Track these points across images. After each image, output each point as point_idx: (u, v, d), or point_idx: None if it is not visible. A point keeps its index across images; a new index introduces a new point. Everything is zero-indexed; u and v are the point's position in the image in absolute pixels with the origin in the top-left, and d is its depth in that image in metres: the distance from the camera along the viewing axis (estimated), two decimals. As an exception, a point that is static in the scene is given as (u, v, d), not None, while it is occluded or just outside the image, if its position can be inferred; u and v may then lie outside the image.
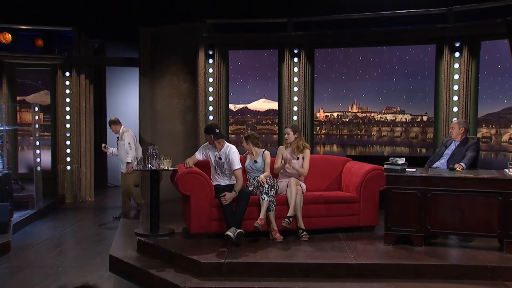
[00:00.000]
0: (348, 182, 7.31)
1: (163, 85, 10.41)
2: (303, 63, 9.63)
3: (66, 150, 10.93)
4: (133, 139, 8.73)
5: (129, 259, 6.35)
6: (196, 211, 6.57)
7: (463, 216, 6.06)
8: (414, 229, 6.22)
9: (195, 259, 5.75)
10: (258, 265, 5.67)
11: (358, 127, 9.81)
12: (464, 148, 6.96)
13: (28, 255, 6.53)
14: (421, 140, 9.42)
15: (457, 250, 6.29)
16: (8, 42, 10.44)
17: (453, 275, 5.53)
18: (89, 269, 6.37)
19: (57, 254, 7.01)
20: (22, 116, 10.88)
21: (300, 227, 6.60)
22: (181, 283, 5.42)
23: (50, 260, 6.56)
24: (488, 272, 5.52)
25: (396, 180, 6.26)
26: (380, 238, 6.52)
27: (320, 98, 9.85)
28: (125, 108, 12.81)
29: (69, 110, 10.90)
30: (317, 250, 6.12)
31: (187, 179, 6.59)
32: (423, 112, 9.39)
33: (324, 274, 5.59)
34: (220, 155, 6.80)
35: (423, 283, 5.43)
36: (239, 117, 10.18)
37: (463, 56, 8.74)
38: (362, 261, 5.70)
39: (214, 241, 6.43)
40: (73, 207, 10.35)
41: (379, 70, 9.60)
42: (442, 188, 6.12)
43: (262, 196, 6.50)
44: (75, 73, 10.85)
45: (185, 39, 10.17)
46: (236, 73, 10.05)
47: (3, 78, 10.54)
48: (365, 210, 7.00)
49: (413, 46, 9.36)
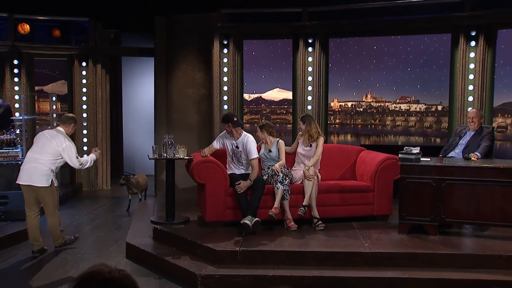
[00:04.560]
0: (362, 171, 7.29)
1: (178, 75, 10.44)
2: (318, 53, 9.58)
3: (83, 139, 11.01)
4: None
5: (145, 246, 6.40)
6: (211, 199, 6.60)
7: (478, 205, 6.03)
8: (428, 219, 6.19)
9: (210, 247, 5.78)
10: (272, 253, 5.69)
11: (372, 116, 9.76)
12: (479, 137, 6.90)
13: (47, 242, 6.59)
14: (436, 129, 9.35)
15: (472, 240, 6.26)
16: (26, 32, 10.51)
17: (467, 264, 5.50)
18: (106, 256, 6.44)
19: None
20: (40, 105, 10.96)
21: (314, 216, 6.59)
22: (196, 271, 5.45)
23: (68, 246, 6.63)
24: (502, 261, 5.49)
25: (411, 169, 6.23)
26: (394, 227, 6.50)
27: (334, 88, 9.81)
28: (140, 98, 12.88)
29: (85, 100, 10.96)
30: (331, 239, 6.13)
31: (202, 168, 6.60)
32: (438, 102, 9.31)
33: (338, 262, 5.59)
34: (237, 144, 6.81)
35: (437, 272, 5.41)
36: (253, 107, 10.17)
37: (479, 45, 8.64)
38: (376, 250, 5.70)
39: (229, 230, 6.46)
40: (90, 195, 10.44)
41: (393, 59, 9.52)
42: (457, 177, 6.08)
43: (276, 185, 6.51)
44: (92, 63, 10.90)
45: (200, 28, 10.18)
46: (251, 63, 10.02)
47: (22, 68, 10.61)
48: (379, 199, 6.98)
49: (428, 35, 9.25)
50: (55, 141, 6.28)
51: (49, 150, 6.23)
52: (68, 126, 6.49)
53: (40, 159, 6.18)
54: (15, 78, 10.59)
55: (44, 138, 6.32)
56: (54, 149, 6.25)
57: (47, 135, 6.37)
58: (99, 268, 1.74)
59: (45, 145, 6.26)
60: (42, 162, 6.18)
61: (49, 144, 6.26)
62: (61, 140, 6.31)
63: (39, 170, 6.17)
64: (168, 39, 10.47)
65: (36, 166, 6.17)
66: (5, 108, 9.19)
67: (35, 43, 10.65)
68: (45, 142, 6.28)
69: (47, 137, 6.31)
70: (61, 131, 6.41)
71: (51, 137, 6.30)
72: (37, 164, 6.18)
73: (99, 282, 1.68)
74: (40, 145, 6.29)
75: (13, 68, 10.54)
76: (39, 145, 6.30)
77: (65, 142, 6.31)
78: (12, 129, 8.75)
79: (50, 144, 6.26)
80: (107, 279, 1.69)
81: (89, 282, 1.69)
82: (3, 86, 10.50)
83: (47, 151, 6.23)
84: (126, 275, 1.73)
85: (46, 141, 6.29)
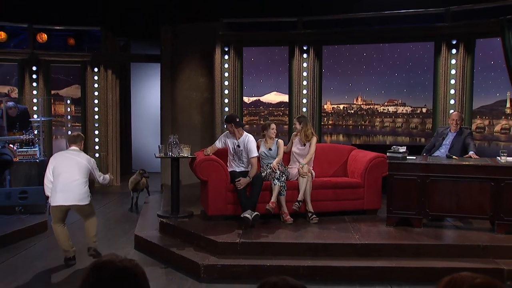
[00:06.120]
0: (353, 168, 7.31)
1: (183, 79, 10.44)
2: (312, 59, 9.59)
3: (94, 139, 11.01)
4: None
5: (152, 238, 6.43)
6: (213, 195, 6.61)
7: (458, 200, 6.06)
8: (414, 212, 6.22)
9: (212, 239, 5.80)
10: (270, 245, 5.71)
11: (363, 118, 9.77)
12: (461, 137, 6.92)
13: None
14: (421, 130, 9.38)
15: (453, 231, 6.30)
16: (44, 41, 10.54)
17: (449, 254, 5.55)
18: (116, 247, 6.46)
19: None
20: (56, 108, 10.96)
21: (309, 210, 6.61)
22: (199, 261, 5.48)
23: (81, 238, 6.60)
24: (480, 251, 5.55)
25: (398, 167, 6.25)
26: (382, 221, 6.52)
27: (327, 91, 9.82)
28: (148, 101, 12.87)
29: (97, 103, 10.97)
30: (324, 231, 6.15)
31: (204, 166, 6.62)
32: (423, 104, 9.33)
33: (331, 253, 5.62)
34: (238, 143, 6.83)
35: (422, 261, 5.45)
36: (252, 109, 10.18)
37: (460, 52, 8.69)
38: (365, 241, 5.72)
39: (229, 223, 6.47)
40: (101, 191, 10.42)
41: (382, 65, 9.53)
42: (440, 174, 6.11)
43: (274, 181, 6.52)
44: (103, 69, 10.90)
45: (203, 36, 10.18)
46: (250, 68, 10.04)
47: (40, 74, 10.64)
48: (368, 195, 7.00)
49: (414, 43, 9.29)
50: (82, 159, 5.87)
51: (82, 169, 5.81)
52: (80, 144, 6.04)
53: (78, 179, 5.74)
54: (34, 83, 10.61)
55: (72, 159, 5.83)
56: (85, 167, 5.83)
57: (72, 156, 5.88)
58: (110, 257, 1.76)
59: (76, 165, 5.80)
60: (80, 181, 5.76)
61: (80, 163, 5.82)
62: (87, 156, 5.97)
63: (81, 190, 5.77)
64: (173, 47, 10.47)
65: (76, 186, 5.73)
66: (24, 110, 9.22)
67: (52, 51, 10.67)
68: (75, 163, 5.81)
69: (75, 158, 5.84)
70: (77, 149, 5.96)
71: (77, 156, 5.86)
72: (76, 184, 5.73)
73: (111, 270, 1.70)
74: (71, 166, 5.79)
75: (32, 74, 10.57)
76: (70, 165, 5.79)
77: (90, 158, 6.01)
78: (31, 129, 8.78)
79: (81, 162, 5.83)
80: (119, 268, 1.71)
81: (102, 270, 1.71)
82: (23, 90, 10.54)
83: (80, 170, 5.80)
84: (136, 264, 1.75)
85: (75, 161, 5.81)
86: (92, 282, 1.69)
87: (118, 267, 1.71)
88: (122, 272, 1.70)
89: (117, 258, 1.74)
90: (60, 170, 5.78)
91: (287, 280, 1.66)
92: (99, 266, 1.73)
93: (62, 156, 5.95)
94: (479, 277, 1.55)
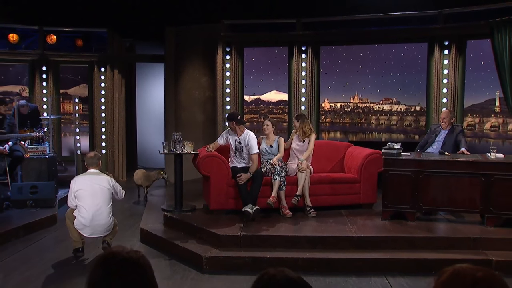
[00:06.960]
0: (350, 164, 7.32)
1: (186, 79, 10.44)
2: (310, 59, 9.59)
3: (101, 136, 11.01)
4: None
5: (157, 231, 6.43)
6: (215, 190, 6.62)
7: (450, 194, 6.08)
8: (408, 206, 6.23)
9: (215, 232, 5.81)
10: (270, 238, 5.72)
11: (359, 116, 9.77)
12: (453, 135, 6.93)
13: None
14: (415, 127, 9.38)
15: (445, 224, 6.31)
16: (53, 42, 10.54)
17: (441, 246, 5.57)
18: (123, 240, 6.44)
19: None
20: (64, 106, 10.96)
21: (307, 204, 6.62)
22: (202, 253, 5.49)
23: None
24: (471, 243, 5.58)
25: (393, 163, 6.26)
26: (377, 214, 6.54)
27: (325, 90, 9.81)
28: (152, 99, 12.86)
29: (104, 101, 10.96)
30: (322, 225, 6.16)
31: (207, 162, 6.63)
32: (416, 103, 9.33)
33: (328, 245, 5.63)
34: (240, 140, 6.83)
35: (415, 253, 5.46)
36: (253, 107, 10.18)
37: (452, 53, 8.69)
38: (361, 234, 5.74)
39: (231, 217, 6.48)
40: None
41: (377, 65, 9.53)
42: (433, 169, 6.13)
43: (274, 176, 6.53)
44: (109, 69, 10.89)
45: (205, 37, 10.17)
46: (250, 68, 10.03)
47: (49, 73, 10.65)
48: (364, 190, 7.01)
49: (408, 44, 9.29)
50: (103, 182, 5.60)
51: (106, 195, 5.57)
52: (98, 164, 5.72)
53: (104, 210, 5.52)
54: (43, 83, 10.61)
55: (95, 186, 5.54)
56: (108, 191, 5.59)
57: (94, 180, 5.59)
58: (117, 249, 1.77)
59: (100, 192, 5.54)
60: (106, 212, 5.55)
61: (103, 189, 5.56)
62: (106, 178, 5.68)
63: (107, 222, 5.57)
64: (176, 47, 10.46)
65: (103, 219, 5.52)
66: (34, 109, 9.23)
67: (61, 51, 10.66)
68: (98, 189, 5.54)
69: (98, 184, 5.56)
70: (97, 171, 5.70)
71: (100, 181, 5.59)
72: (103, 218, 5.51)
73: (118, 261, 1.71)
74: (94, 192, 5.51)
75: (42, 74, 10.58)
76: (93, 192, 5.51)
77: (110, 178, 5.72)
78: (41, 127, 8.79)
79: (104, 188, 5.57)
80: (125, 259, 1.72)
81: (109, 261, 1.72)
82: (33, 90, 10.54)
83: (104, 197, 5.55)
84: (142, 256, 1.76)
85: (99, 188, 5.55)
86: (101, 272, 1.70)
87: (125, 258, 1.72)
88: (129, 263, 1.71)
89: (124, 249, 1.76)
90: (84, 195, 5.50)
91: (285, 272, 1.67)
92: (107, 257, 1.74)
93: (83, 181, 5.61)
94: (480, 270, 1.53)
